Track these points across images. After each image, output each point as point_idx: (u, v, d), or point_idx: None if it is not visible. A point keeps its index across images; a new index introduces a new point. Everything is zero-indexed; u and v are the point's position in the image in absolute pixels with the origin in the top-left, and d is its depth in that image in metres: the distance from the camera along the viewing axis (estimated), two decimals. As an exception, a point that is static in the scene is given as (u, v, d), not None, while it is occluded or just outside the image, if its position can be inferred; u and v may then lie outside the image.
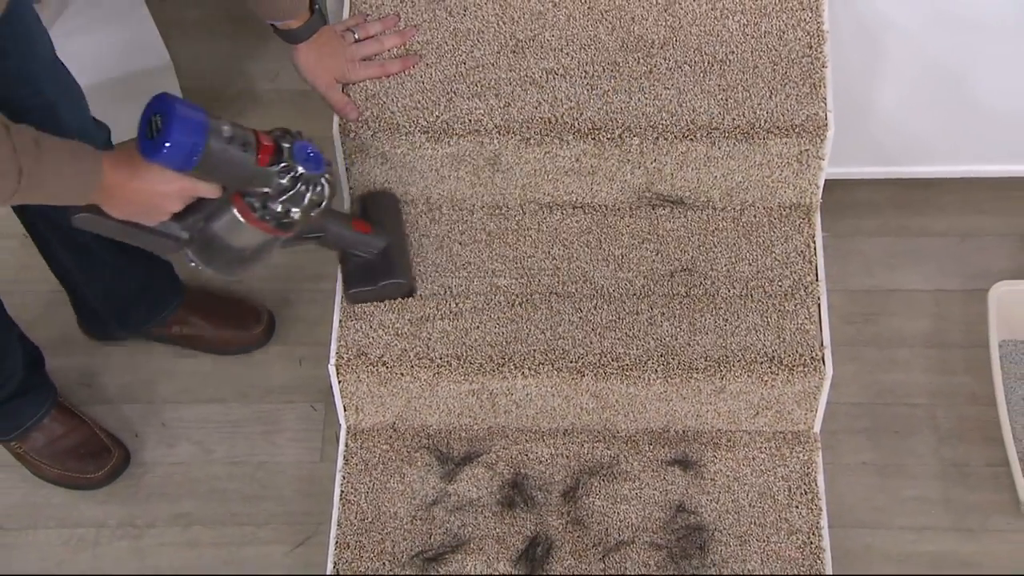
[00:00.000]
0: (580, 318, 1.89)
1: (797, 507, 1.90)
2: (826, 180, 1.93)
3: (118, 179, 1.46)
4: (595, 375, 1.86)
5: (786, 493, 1.90)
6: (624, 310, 1.89)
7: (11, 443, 2.10)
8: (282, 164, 1.53)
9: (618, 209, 1.97)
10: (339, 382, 1.90)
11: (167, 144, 1.41)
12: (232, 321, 2.20)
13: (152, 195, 1.49)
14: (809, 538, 1.87)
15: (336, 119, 1.89)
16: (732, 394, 1.88)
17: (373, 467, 1.94)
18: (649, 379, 1.85)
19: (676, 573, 1.84)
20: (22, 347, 2.01)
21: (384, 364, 1.87)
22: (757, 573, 1.84)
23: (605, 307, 1.90)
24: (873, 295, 2.25)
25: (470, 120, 1.88)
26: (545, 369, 1.86)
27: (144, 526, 2.08)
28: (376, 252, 1.83)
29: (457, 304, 1.90)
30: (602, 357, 1.86)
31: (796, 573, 1.84)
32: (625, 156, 1.89)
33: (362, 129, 1.88)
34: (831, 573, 1.85)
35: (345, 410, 1.95)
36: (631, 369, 1.85)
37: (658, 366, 1.85)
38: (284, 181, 1.54)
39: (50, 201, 1.46)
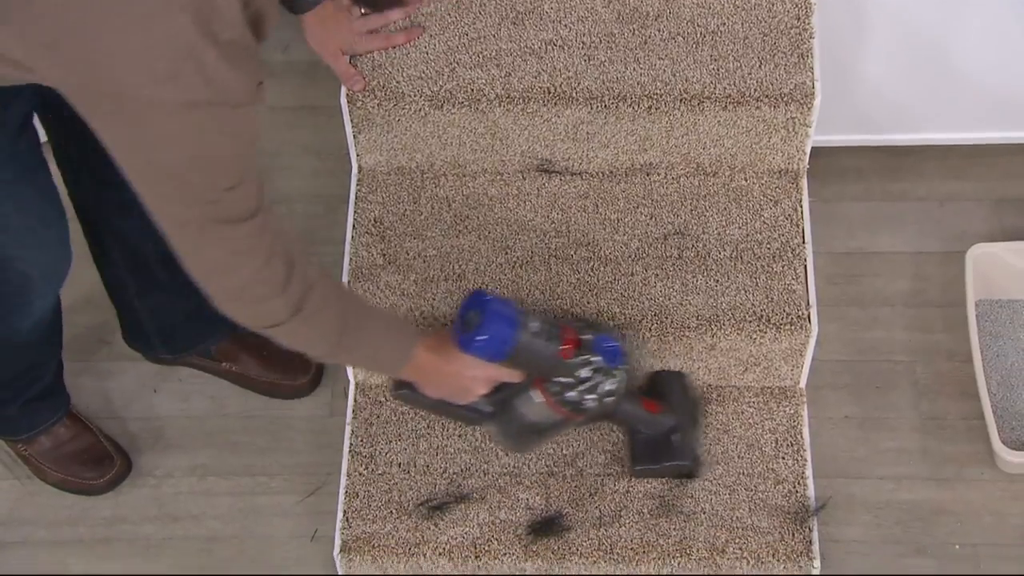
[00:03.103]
0: (578, 279, 1.93)
1: (783, 458, 1.94)
2: (813, 147, 1.97)
3: (434, 363, 1.60)
4: (592, 333, 1.92)
5: (773, 445, 1.95)
6: (620, 272, 1.93)
7: (17, 444, 2.10)
8: (582, 356, 1.62)
9: (613, 175, 2.01)
10: (348, 340, 1.96)
11: (482, 338, 1.55)
12: (280, 365, 2.16)
13: (463, 379, 1.63)
14: (794, 487, 1.92)
15: (343, 89, 1.91)
16: (722, 351, 1.92)
17: (380, 421, 1.98)
18: (643, 338, 1.89)
19: (667, 520, 1.90)
20: (59, 353, 2.01)
21: (391, 323, 1.93)
22: (747, 521, 1.90)
23: (601, 269, 1.94)
24: (856, 257, 2.28)
25: (472, 89, 1.90)
26: (544, 328, 1.92)
27: (162, 476, 2.12)
28: (663, 431, 1.87)
29: (460, 266, 1.95)
30: (599, 316, 1.89)
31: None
32: (620, 124, 1.93)
33: (368, 99, 1.91)
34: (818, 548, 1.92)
35: (353, 367, 1.98)
36: (626, 328, 1.89)
37: (652, 325, 1.89)
38: (583, 373, 1.63)
39: (361, 365, 1.64)
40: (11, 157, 1.60)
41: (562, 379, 1.64)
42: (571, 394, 1.65)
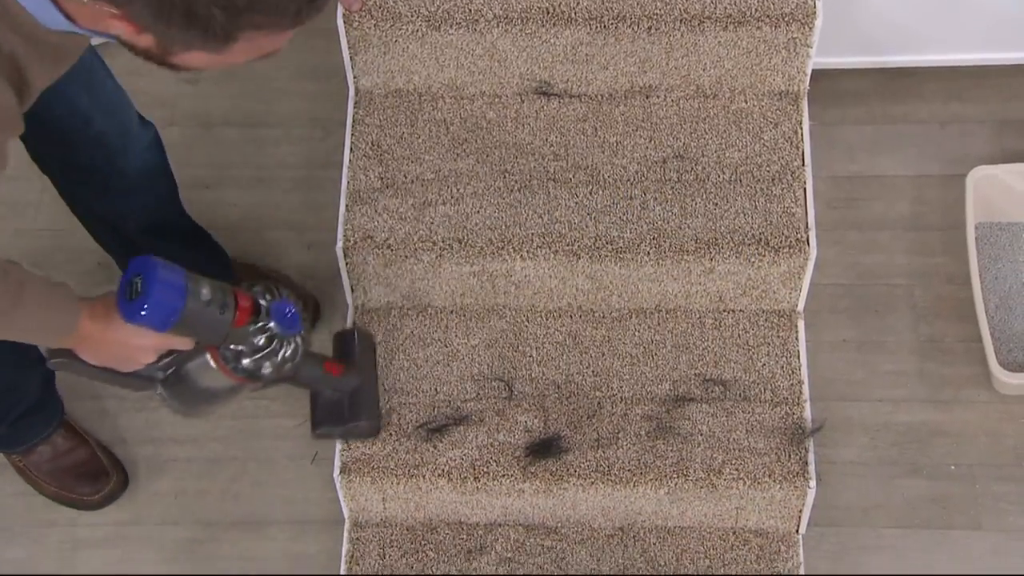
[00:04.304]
0: (576, 203, 1.93)
1: (780, 381, 1.95)
2: (813, 70, 1.95)
3: (94, 329, 1.44)
4: (590, 257, 1.90)
5: (770, 368, 1.95)
6: (618, 195, 1.93)
7: (14, 456, 2.08)
8: (259, 324, 1.51)
9: (613, 97, 2.00)
10: (346, 264, 1.94)
11: (145, 307, 1.39)
12: None
13: (126, 347, 1.47)
14: (791, 409, 1.92)
15: (340, 10, 1.90)
16: (720, 275, 1.92)
17: (379, 345, 1.98)
18: (641, 261, 1.90)
19: (664, 442, 1.92)
20: (40, 365, 1.94)
21: (389, 247, 1.91)
22: (744, 442, 1.92)
23: (600, 192, 1.94)
24: (856, 181, 2.27)
25: (470, 10, 1.89)
26: (543, 252, 1.90)
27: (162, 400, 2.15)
28: (346, 392, 1.81)
29: (459, 189, 1.94)
30: (597, 240, 1.90)
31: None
32: (619, 45, 1.92)
33: (365, 19, 1.90)
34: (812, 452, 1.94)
35: (352, 291, 2.00)
36: (624, 252, 1.89)
37: (650, 248, 1.89)
38: (259, 341, 1.51)
39: (20, 339, 1.43)
40: None
41: (237, 347, 1.52)
42: (246, 362, 1.53)
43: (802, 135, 1.96)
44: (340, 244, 1.92)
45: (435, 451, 1.92)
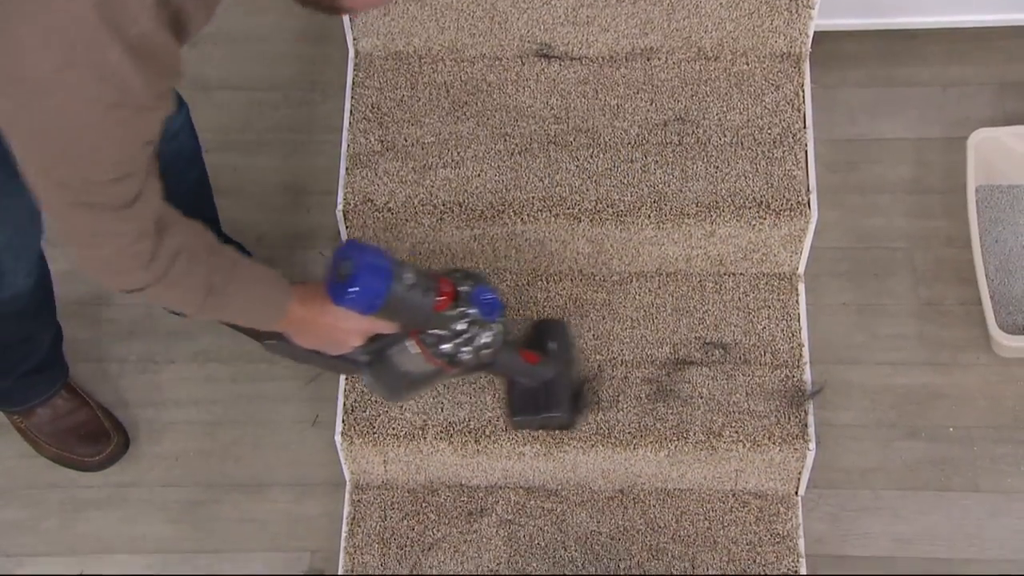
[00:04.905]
0: (577, 166, 1.93)
1: (781, 344, 1.95)
2: (815, 32, 1.94)
3: (307, 314, 1.52)
4: (591, 221, 1.90)
5: (770, 331, 1.96)
6: (619, 158, 1.93)
7: (14, 416, 2.07)
8: (459, 309, 1.57)
9: (614, 60, 1.99)
10: (346, 227, 1.94)
11: (354, 290, 1.46)
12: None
13: (336, 331, 1.55)
14: (791, 372, 1.93)
15: (339, -29, 1.91)
16: (721, 238, 1.92)
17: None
18: (642, 224, 1.89)
19: (664, 405, 1.93)
20: (54, 324, 1.97)
21: (389, 210, 1.91)
22: (744, 405, 1.92)
23: (601, 155, 1.93)
24: (857, 144, 2.27)
25: (470, -29, 1.89)
26: (543, 215, 1.90)
27: (164, 362, 2.13)
28: (542, 382, 1.84)
29: (459, 152, 1.94)
30: (598, 203, 1.90)
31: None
32: (620, 6, 1.91)
33: (365, -19, 1.91)
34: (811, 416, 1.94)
35: (352, 254, 2.01)
36: (625, 215, 1.89)
37: (651, 212, 1.89)
38: (459, 326, 1.58)
39: (235, 320, 1.52)
40: None
41: (438, 331, 1.60)
42: (446, 346, 1.60)
43: (803, 98, 1.95)
44: (340, 207, 1.92)
45: (436, 413, 1.92)
